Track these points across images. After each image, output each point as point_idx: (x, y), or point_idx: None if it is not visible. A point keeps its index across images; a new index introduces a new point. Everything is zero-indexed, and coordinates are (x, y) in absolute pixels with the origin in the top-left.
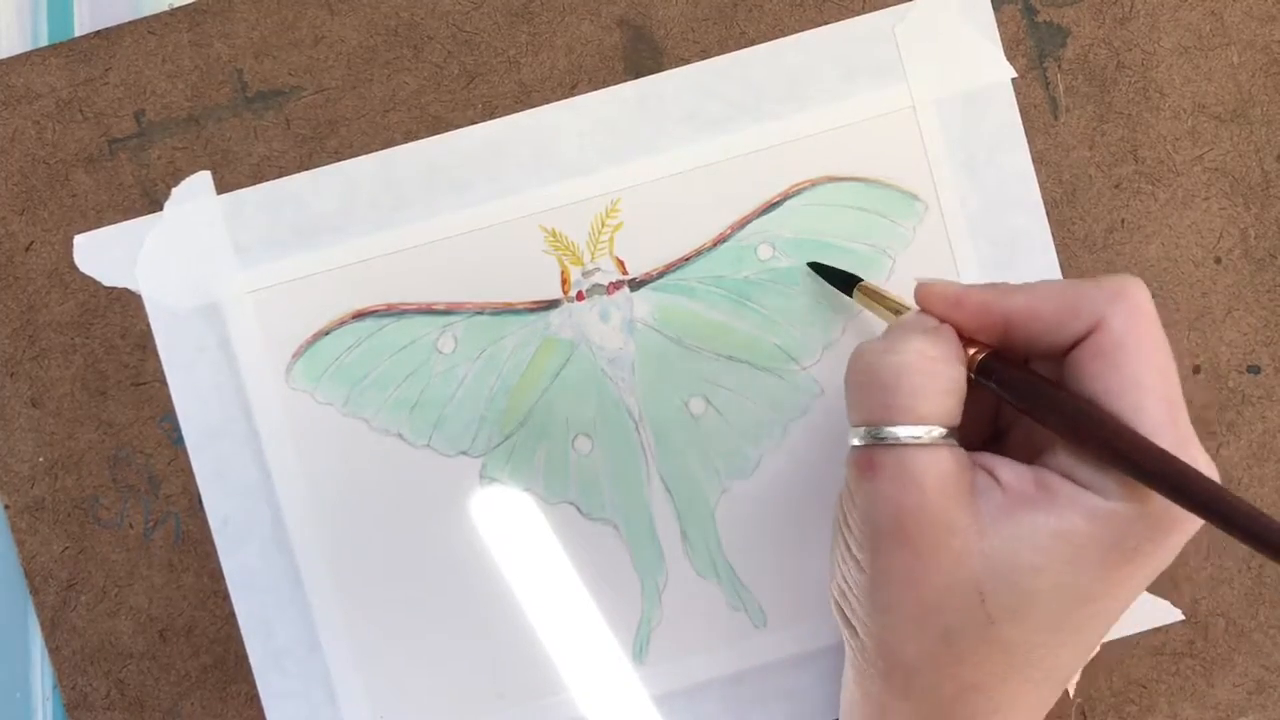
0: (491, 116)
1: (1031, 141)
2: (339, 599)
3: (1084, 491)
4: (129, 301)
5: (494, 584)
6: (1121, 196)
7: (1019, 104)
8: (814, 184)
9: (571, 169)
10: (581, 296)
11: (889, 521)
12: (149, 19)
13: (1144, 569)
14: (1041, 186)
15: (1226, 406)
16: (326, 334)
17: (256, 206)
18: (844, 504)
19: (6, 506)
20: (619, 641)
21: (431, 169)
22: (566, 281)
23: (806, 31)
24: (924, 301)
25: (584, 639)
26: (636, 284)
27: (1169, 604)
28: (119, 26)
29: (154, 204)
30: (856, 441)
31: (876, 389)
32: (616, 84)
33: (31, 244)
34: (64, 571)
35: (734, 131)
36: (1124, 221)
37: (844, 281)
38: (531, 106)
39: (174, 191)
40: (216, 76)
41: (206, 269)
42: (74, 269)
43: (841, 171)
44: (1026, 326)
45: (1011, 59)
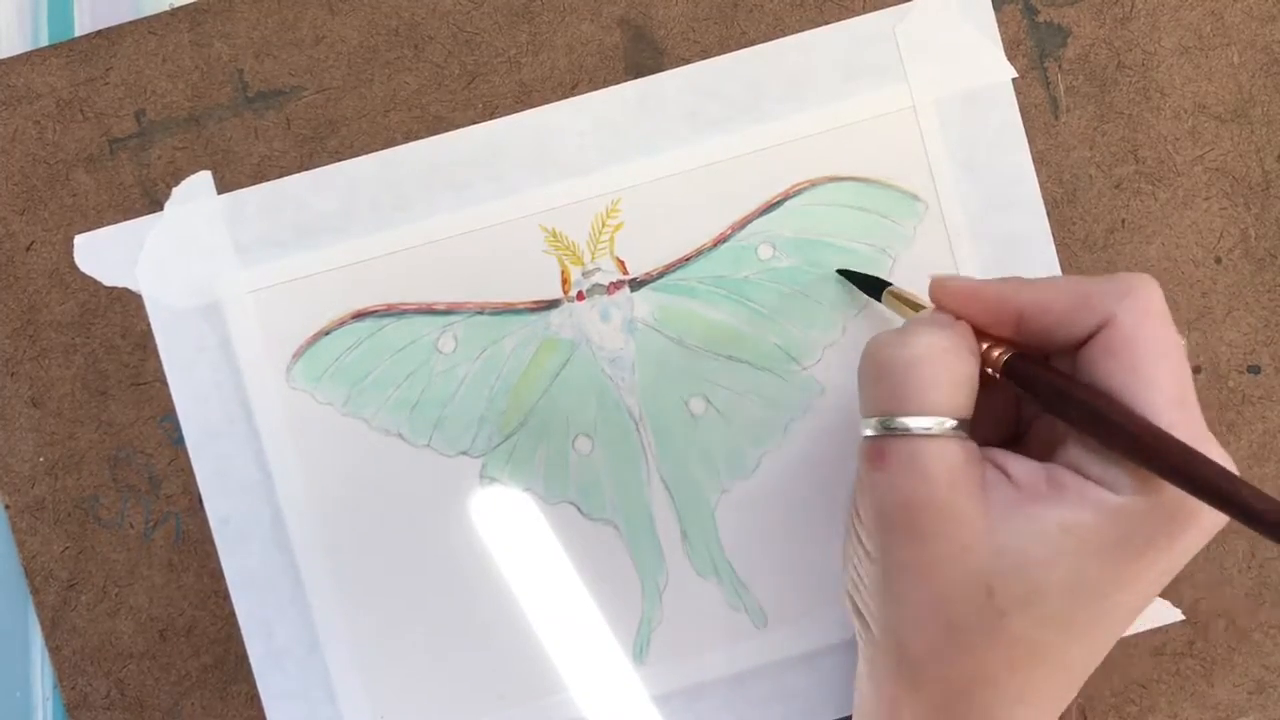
0: (492, 116)
1: (1032, 141)
2: (339, 599)
3: (1094, 486)
4: (129, 301)
5: (494, 584)
6: (1122, 196)
7: (1019, 104)
8: (814, 184)
9: (571, 169)
10: (582, 296)
11: (898, 511)
12: (149, 19)
13: (1155, 566)
14: (1042, 186)
15: (1226, 406)
16: (327, 334)
17: (257, 206)
18: (855, 495)
19: (7, 506)
20: (619, 641)
21: (431, 169)
22: (567, 281)
23: (806, 31)
24: (938, 296)
25: (584, 639)
26: (637, 284)
27: (1169, 604)
28: (119, 26)
29: (154, 204)
30: (868, 432)
31: (888, 380)
32: (617, 84)
33: (32, 244)
34: (64, 571)
35: (734, 131)
36: (1124, 221)
37: (872, 286)
38: (532, 106)
39: (174, 191)
40: (217, 76)
41: (207, 269)
42: (74, 269)
43: (842, 171)
44: (1039, 321)
45: (1012, 59)
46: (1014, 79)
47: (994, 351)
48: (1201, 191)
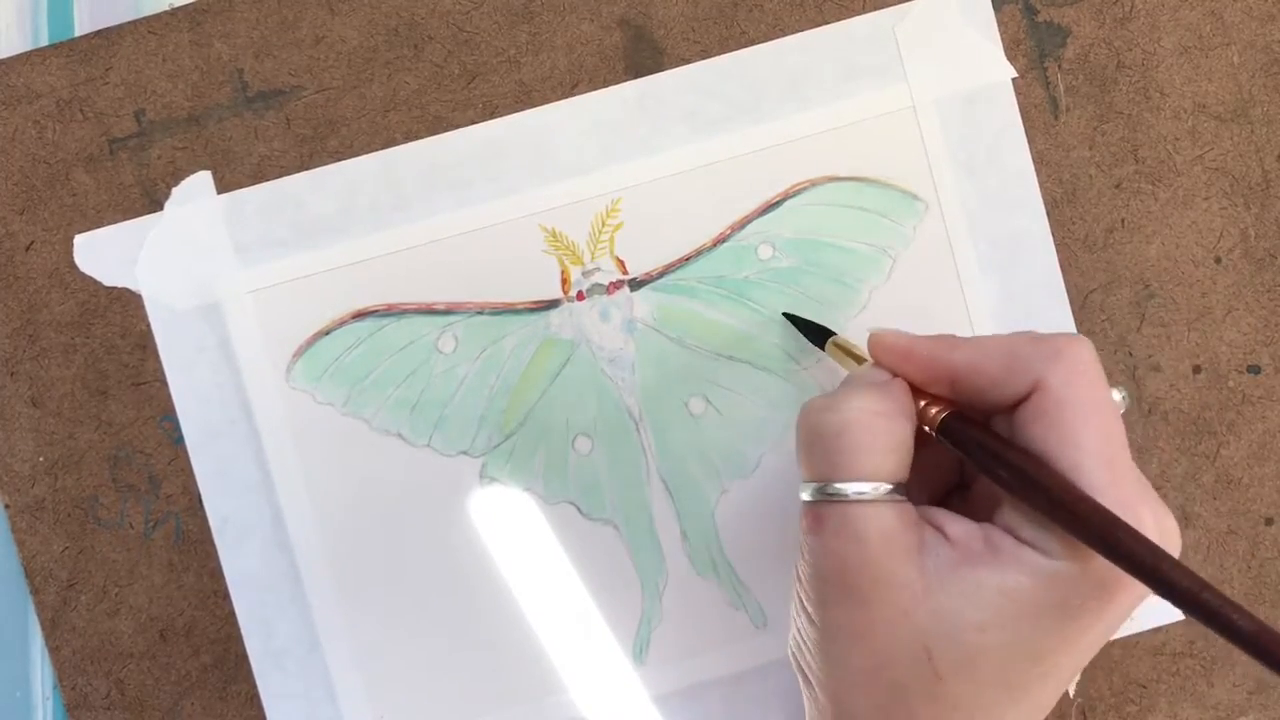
0: (492, 116)
1: (1031, 141)
2: (339, 599)
3: (1028, 549)
4: (129, 301)
5: (494, 584)
6: (1121, 196)
7: (1019, 104)
8: (814, 184)
9: (571, 169)
10: (582, 296)
11: (835, 576)
12: (149, 19)
13: (1091, 629)
14: (1041, 186)
15: (1226, 406)
16: (327, 334)
17: (256, 206)
18: (797, 559)
19: (7, 506)
20: (619, 641)
21: (431, 169)
22: (567, 281)
23: (806, 31)
24: (875, 353)
25: (584, 639)
26: (637, 284)
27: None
28: (119, 26)
29: (154, 204)
30: (805, 496)
31: (820, 445)
32: (617, 84)
33: (32, 244)
34: (64, 571)
35: (734, 131)
36: (1124, 221)
37: (817, 334)
38: (532, 106)
39: (174, 191)
40: (217, 76)
41: (207, 269)
42: (74, 269)
43: (841, 171)
44: (971, 381)
45: (1012, 59)
46: (1014, 79)
47: (931, 409)
48: (1201, 191)
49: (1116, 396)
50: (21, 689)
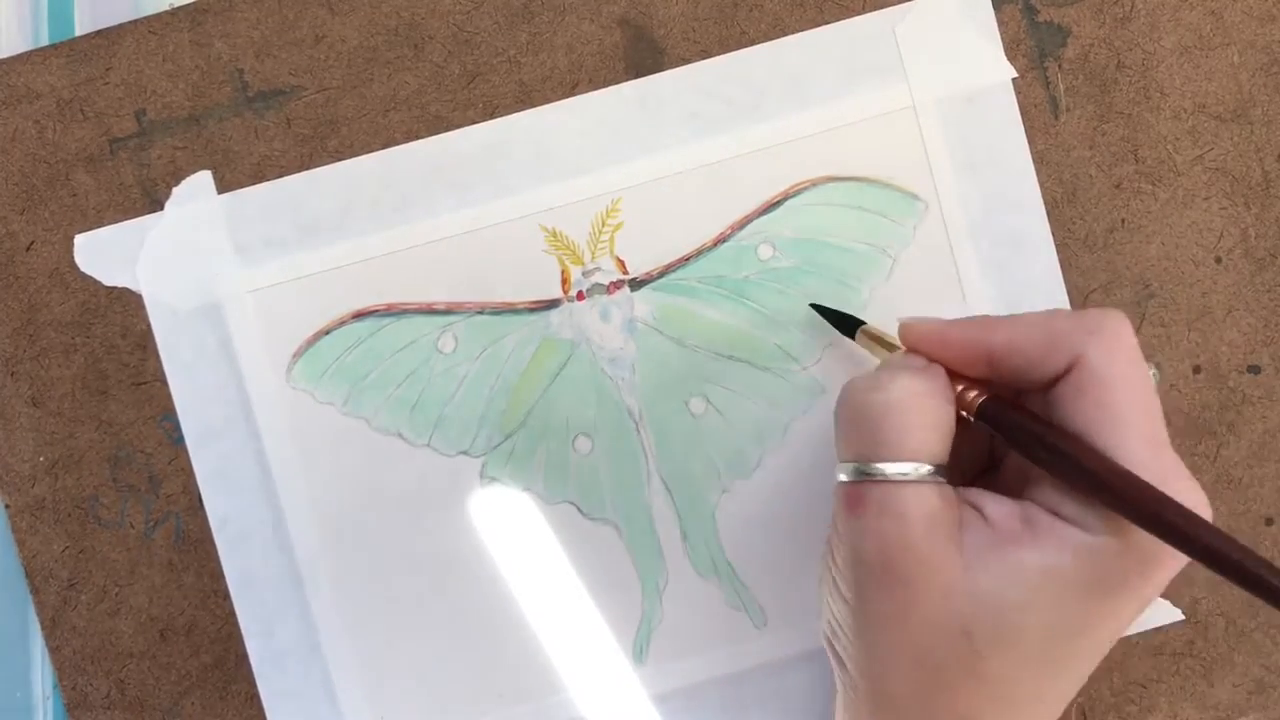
0: (492, 116)
1: (1031, 141)
2: (339, 599)
3: (1069, 527)
4: (129, 301)
5: (494, 584)
6: (1122, 196)
7: (1019, 104)
8: (814, 184)
9: (571, 169)
10: (582, 296)
11: (875, 557)
12: (149, 18)
13: (1130, 603)
14: (1041, 186)
15: (1226, 406)
16: (327, 334)
17: (257, 206)
18: (831, 540)
19: (7, 506)
20: (619, 641)
21: (432, 169)
22: (567, 281)
23: (806, 31)
24: (909, 341)
25: (584, 639)
26: (637, 284)
27: (1169, 604)
28: (119, 26)
29: (154, 204)
30: (844, 477)
31: (864, 425)
32: (617, 84)
33: (32, 244)
34: (64, 571)
35: (734, 131)
36: (1124, 221)
37: (845, 323)
38: (532, 106)
39: (174, 191)
40: (217, 76)
41: (207, 269)
42: (74, 269)
43: (842, 171)
44: (1009, 362)
45: (1012, 59)
46: (1014, 79)
47: (969, 394)
48: (1201, 191)
49: (1149, 371)
50: (21, 689)
